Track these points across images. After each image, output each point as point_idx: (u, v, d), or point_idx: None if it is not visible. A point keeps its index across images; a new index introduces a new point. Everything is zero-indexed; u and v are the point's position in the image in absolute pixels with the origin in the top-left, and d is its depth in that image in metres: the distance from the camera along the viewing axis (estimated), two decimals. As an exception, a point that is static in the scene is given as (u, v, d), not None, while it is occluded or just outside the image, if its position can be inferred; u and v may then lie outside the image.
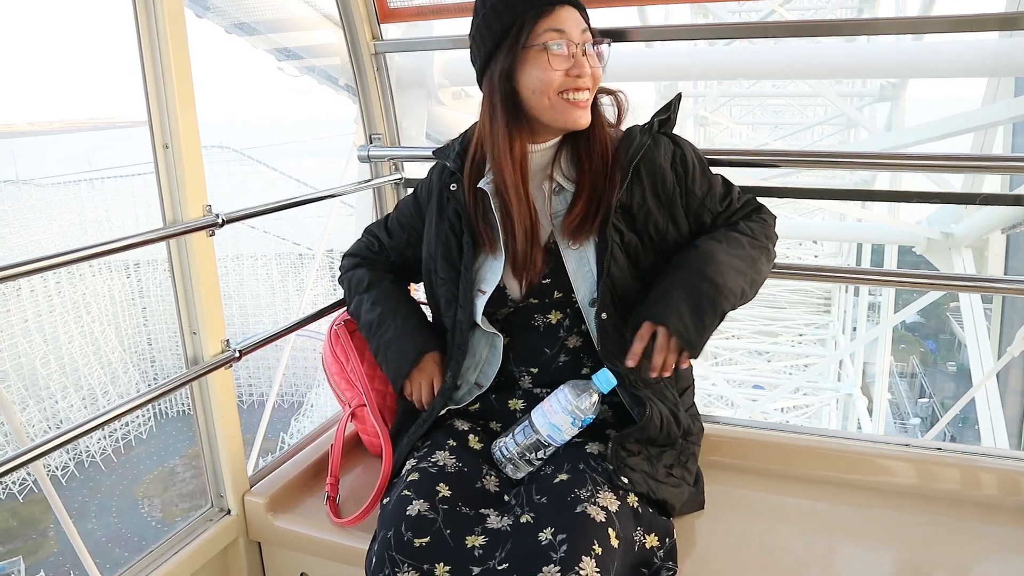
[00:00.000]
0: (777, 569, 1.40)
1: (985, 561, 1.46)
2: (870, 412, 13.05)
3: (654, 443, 1.37)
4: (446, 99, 5.94)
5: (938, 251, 7.71)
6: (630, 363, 1.32)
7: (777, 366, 16.64)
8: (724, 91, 16.13)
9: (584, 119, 1.38)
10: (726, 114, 20.67)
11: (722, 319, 1.32)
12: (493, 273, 1.43)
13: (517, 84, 1.37)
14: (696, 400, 1.61)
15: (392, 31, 2.11)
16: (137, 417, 26.13)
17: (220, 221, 1.53)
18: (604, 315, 1.36)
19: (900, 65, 6.63)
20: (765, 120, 23.38)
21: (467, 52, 1.46)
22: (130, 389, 26.82)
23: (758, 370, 16.39)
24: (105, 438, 25.41)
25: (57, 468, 24.18)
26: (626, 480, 1.27)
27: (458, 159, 1.49)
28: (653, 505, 1.32)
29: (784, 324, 17.73)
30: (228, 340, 1.59)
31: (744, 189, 1.55)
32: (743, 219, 1.47)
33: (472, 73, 1.46)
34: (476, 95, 1.45)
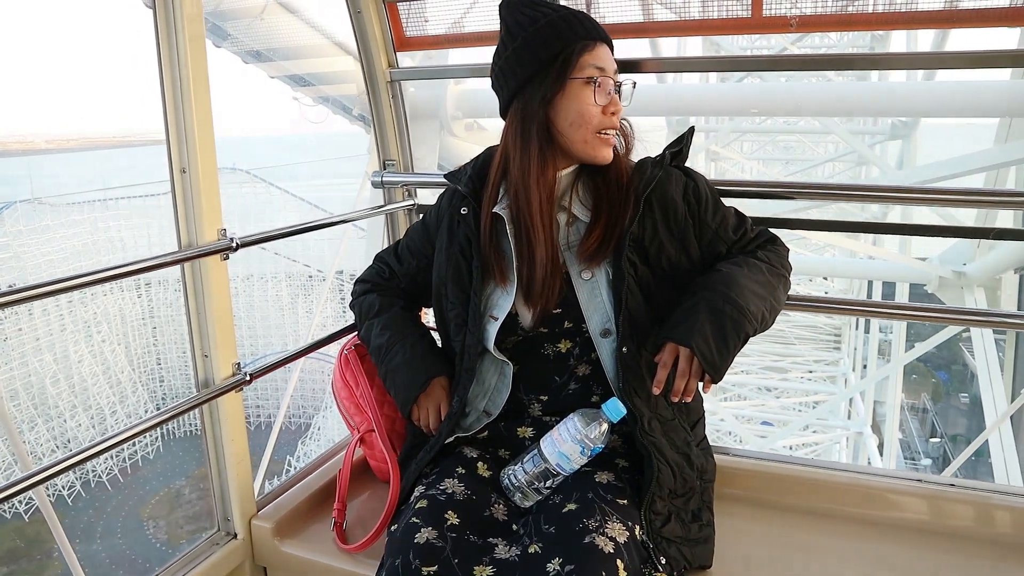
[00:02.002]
0: (787, 604, 1.39)
1: (999, 600, 1.44)
2: (880, 451, 12.92)
3: (676, 494, 1.37)
4: (459, 131, 6.02)
5: (950, 289, 7.68)
6: (656, 390, 1.32)
7: (786, 403, 16.51)
8: (735, 127, 16.22)
9: (609, 155, 1.42)
10: (737, 149, 20.75)
11: (744, 343, 1.33)
12: (504, 300, 1.44)
13: (553, 112, 1.38)
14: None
15: (407, 61, 2.14)
16: (145, 437, 26.11)
17: (235, 245, 1.55)
18: (625, 348, 1.36)
19: (912, 104, 6.67)
20: (776, 156, 23.43)
21: (479, 85, 1.49)
22: (138, 409, 26.83)
23: (767, 406, 16.28)
24: (112, 458, 25.34)
25: (64, 488, 24.13)
26: (664, 561, 1.28)
27: (470, 183, 1.50)
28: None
29: (793, 360, 17.63)
30: (239, 363, 1.60)
31: (756, 221, 1.56)
32: (758, 248, 1.48)
33: (484, 105, 1.49)
34: (488, 127, 1.47)
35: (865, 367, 14.90)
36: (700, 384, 1.33)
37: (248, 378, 1.61)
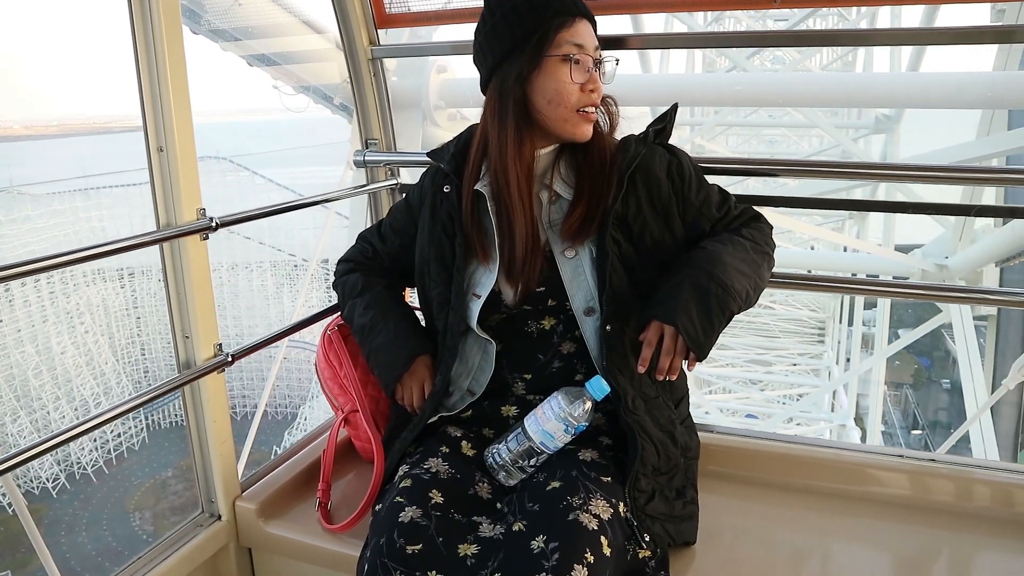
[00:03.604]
0: (771, 578, 1.40)
1: (978, 573, 1.45)
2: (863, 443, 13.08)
3: (660, 471, 1.37)
4: (441, 120, 5.98)
5: (932, 282, 7.79)
6: (641, 369, 1.32)
7: (770, 395, 16.65)
8: (721, 119, 16.27)
9: (589, 132, 1.41)
10: (723, 143, 20.81)
11: (729, 321, 1.33)
12: (487, 277, 1.43)
13: (530, 89, 1.37)
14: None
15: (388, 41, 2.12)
16: (129, 428, 25.96)
17: (214, 224, 1.53)
18: (608, 327, 1.36)
19: (895, 94, 6.73)
20: (761, 150, 23.53)
21: (462, 74, 1.47)
22: (123, 399, 26.59)
23: (751, 399, 16.41)
24: (96, 449, 25.19)
25: (48, 480, 23.98)
26: (648, 538, 1.28)
27: (453, 161, 1.48)
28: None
29: (778, 354, 17.76)
30: (221, 344, 1.59)
31: (740, 199, 1.55)
32: (742, 226, 1.48)
33: (467, 95, 1.47)
34: (471, 116, 1.46)
35: (848, 360, 15.05)
36: (684, 362, 1.33)
37: (230, 359, 1.59)
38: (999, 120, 7.06)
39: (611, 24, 1.49)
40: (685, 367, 1.35)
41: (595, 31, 1.41)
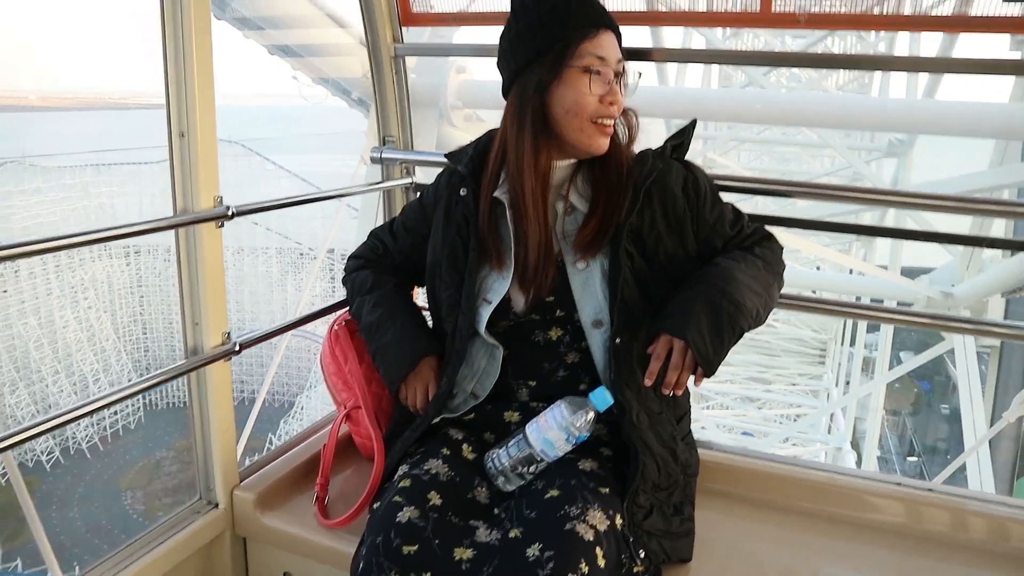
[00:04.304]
0: (764, 599, 1.40)
1: (971, 606, 1.46)
2: (858, 468, 13.06)
3: (660, 487, 1.37)
4: (458, 121, 6.01)
5: (937, 310, 7.79)
6: (648, 383, 1.32)
7: (768, 414, 16.64)
8: (734, 135, 16.28)
9: (605, 145, 1.40)
10: (735, 158, 20.82)
11: (739, 338, 1.33)
12: (500, 284, 1.43)
13: (549, 99, 1.37)
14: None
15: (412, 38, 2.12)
16: (126, 406, 26.02)
17: (231, 213, 1.53)
18: (618, 339, 1.36)
19: (910, 120, 6.76)
20: (773, 167, 23.55)
21: (480, 76, 1.48)
22: (122, 377, 26.66)
23: (748, 417, 16.41)
24: (93, 426, 25.26)
25: (43, 453, 24.06)
26: (644, 554, 1.28)
27: (470, 164, 1.49)
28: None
29: (778, 372, 17.75)
30: (229, 333, 1.59)
31: (752, 218, 1.56)
32: (754, 244, 1.48)
33: (485, 96, 1.48)
34: (487, 119, 1.46)
35: (848, 383, 15.06)
36: (691, 378, 1.33)
37: (238, 348, 1.60)
38: (1013, 151, 7.08)
39: (630, 35, 1.49)
40: (691, 383, 1.36)
41: (620, 43, 1.41)
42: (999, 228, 6.84)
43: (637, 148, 1.48)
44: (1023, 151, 7.24)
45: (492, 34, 1.49)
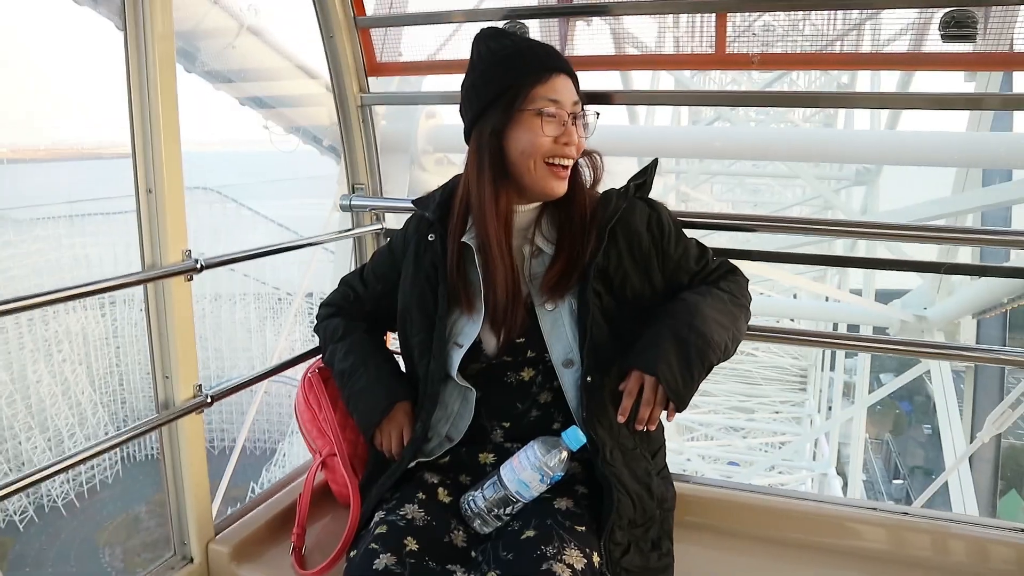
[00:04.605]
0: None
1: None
2: (844, 493, 13.07)
3: (636, 524, 1.38)
4: (428, 165, 6.08)
5: (910, 333, 7.98)
6: (621, 419, 1.34)
7: (752, 443, 16.67)
8: (705, 168, 16.55)
9: (561, 188, 1.43)
10: (707, 190, 21.17)
11: (708, 372, 1.35)
12: (471, 328, 1.44)
13: (506, 143, 1.40)
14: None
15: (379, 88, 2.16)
16: (103, 460, 25.46)
17: (199, 266, 1.54)
18: (589, 378, 1.37)
19: (874, 151, 6.95)
20: (745, 199, 23.92)
21: (450, 120, 1.51)
22: (98, 431, 26.09)
23: (733, 446, 16.43)
24: (68, 482, 24.65)
25: (15, 513, 23.39)
26: None
27: (438, 210, 1.51)
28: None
29: (760, 401, 17.84)
30: (200, 385, 1.59)
31: (718, 253, 1.59)
32: (720, 279, 1.51)
33: (455, 141, 1.51)
34: (458, 161, 1.49)
35: (830, 408, 15.16)
36: (663, 413, 1.34)
37: (209, 400, 1.59)
38: (974, 177, 7.29)
39: (599, 79, 1.53)
40: (664, 418, 1.37)
41: (576, 86, 1.45)
42: (964, 254, 7.01)
43: (607, 188, 1.51)
44: (983, 177, 7.46)
45: (458, 81, 1.52)
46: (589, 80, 1.54)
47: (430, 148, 5.94)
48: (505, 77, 1.39)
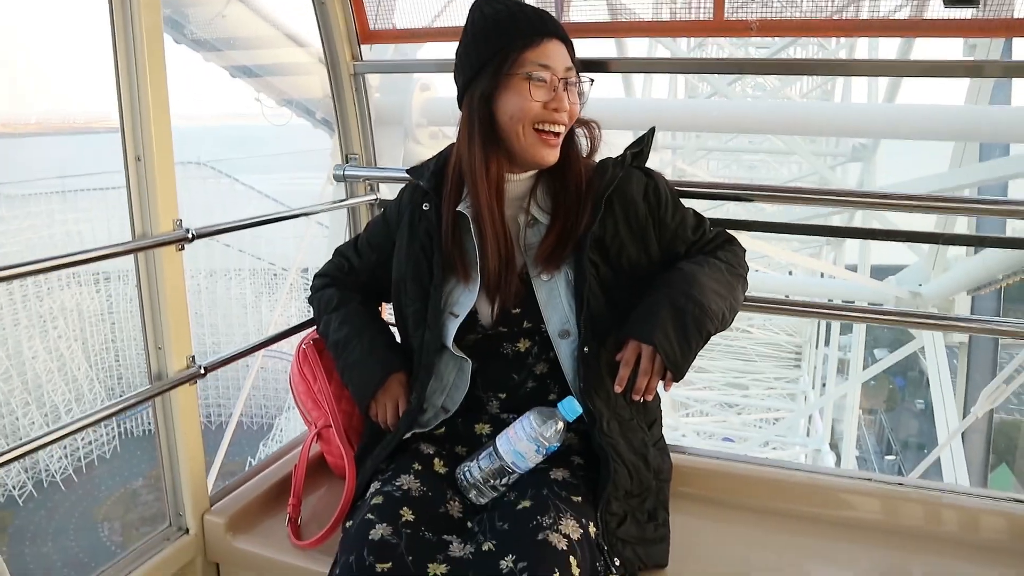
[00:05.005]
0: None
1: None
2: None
3: (632, 494, 1.38)
4: (423, 138, 6.04)
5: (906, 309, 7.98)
6: (618, 389, 1.33)
7: (747, 419, 16.80)
8: (701, 144, 16.49)
9: (552, 157, 1.41)
10: (703, 166, 21.07)
11: (706, 341, 1.34)
12: (467, 297, 1.43)
13: (495, 108, 1.38)
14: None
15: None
16: (101, 436, 25.56)
17: (190, 236, 1.52)
18: (586, 348, 1.36)
19: (871, 124, 6.93)
20: (741, 175, 23.82)
21: (444, 93, 1.49)
22: (95, 406, 26.12)
23: (728, 423, 16.56)
24: (66, 457, 24.77)
25: (15, 488, 23.52)
26: (618, 562, 1.28)
27: (432, 179, 1.49)
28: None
29: (755, 377, 17.94)
30: (194, 356, 1.58)
31: (714, 223, 1.57)
32: (717, 248, 1.50)
33: (450, 113, 1.48)
34: (452, 135, 1.47)
35: (824, 385, 15.26)
36: (660, 383, 1.34)
37: (203, 371, 1.58)
38: (971, 152, 7.28)
39: (595, 49, 1.51)
40: (661, 388, 1.36)
41: (571, 53, 1.42)
42: (961, 227, 7.01)
43: (603, 157, 1.49)
44: (980, 152, 7.45)
45: (453, 50, 1.50)
46: (585, 48, 1.51)
47: (424, 121, 5.90)
48: (496, 41, 1.37)
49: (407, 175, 1.59)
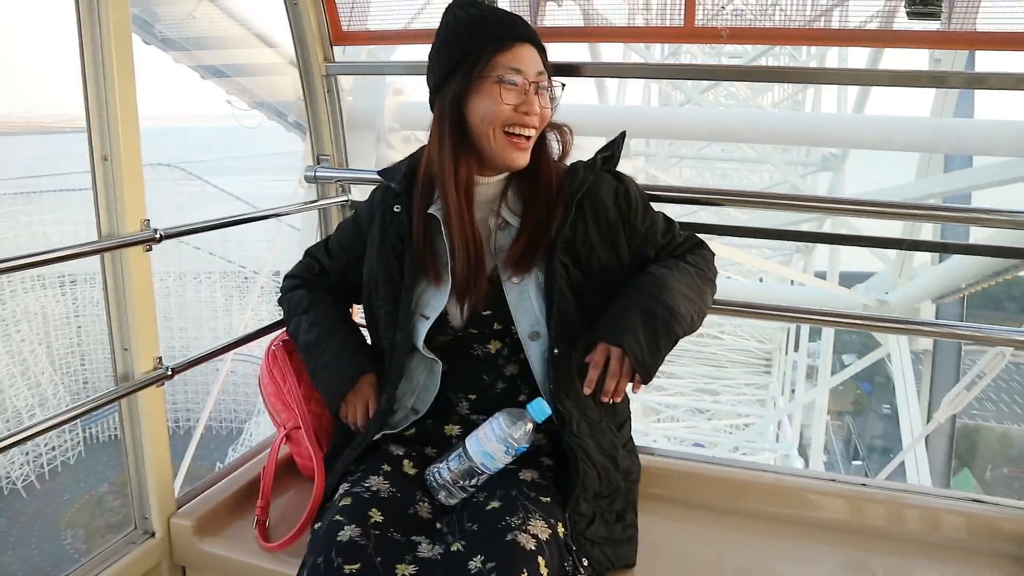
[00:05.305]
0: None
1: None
2: (802, 470, 13.36)
3: (601, 495, 1.39)
4: (395, 142, 6.03)
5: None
6: (587, 391, 1.34)
7: (717, 424, 16.93)
8: (674, 151, 16.63)
9: (522, 160, 1.41)
10: (676, 174, 21.23)
11: (674, 344, 1.36)
12: (437, 299, 1.44)
13: (467, 111, 1.39)
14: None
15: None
16: (65, 441, 25.06)
17: (158, 236, 1.50)
18: (556, 350, 1.37)
19: (840, 134, 7.06)
20: (713, 183, 24.02)
21: (417, 97, 1.49)
22: (59, 410, 25.63)
23: (698, 428, 16.68)
24: (28, 463, 24.22)
25: (-28, 496, 22.97)
26: (587, 563, 1.29)
27: (404, 180, 1.49)
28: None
29: (725, 383, 18.08)
30: (161, 358, 1.56)
31: (684, 226, 1.59)
32: (686, 252, 1.51)
33: (422, 118, 1.48)
34: (425, 139, 1.47)
35: (794, 391, 15.45)
36: (629, 385, 1.35)
37: (170, 372, 1.56)
38: (936, 163, 7.45)
39: (568, 54, 1.52)
40: (630, 390, 1.37)
41: (543, 57, 1.43)
42: (927, 234, 7.18)
43: (574, 161, 1.50)
44: (945, 163, 7.64)
45: (425, 52, 1.50)
46: (559, 53, 1.52)
47: (397, 125, 5.89)
48: (468, 44, 1.37)
49: (379, 177, 1.59)
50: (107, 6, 1.38)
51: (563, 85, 1.45)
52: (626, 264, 1.47)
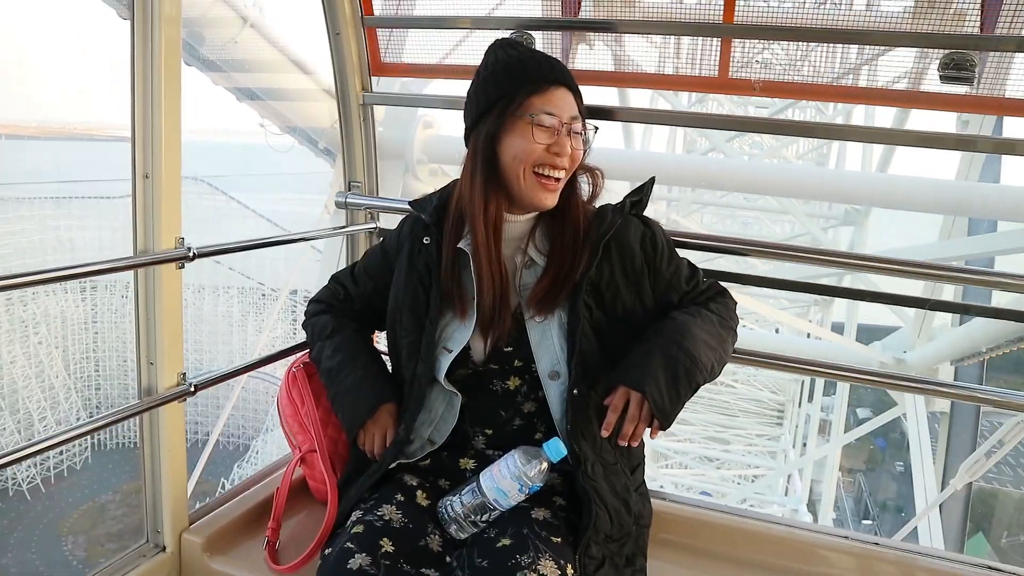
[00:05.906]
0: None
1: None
2: (813, 526, 13.13)
3: (612, 539, 1.38)
4: (423, 174, 6.11)
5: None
6: (604, 434, 1.34)
7: (726, 474, 16.73)
8: (697, 198, 16.67)
9: (550, 201, 1.44)
10: (697, 220, 21.25)
11: (694, 392, 1.36)
12: (461, 333, 1.45)
13: (499, 149, 1.42)
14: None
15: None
16: (73, 446, 25.13)
17: (192, 255, 1.54)
18: (576, 391, 1.38)
19: (863, 193, 7.03)
20: (735, 230, 24.02)
21: (447, 132, 1.52)
22: (70, 416, 25.75)
23: (707, 476, 16.48)
24: (36, 466, 24.28)
25: (-23, 497, 23.01)
26: None
27: (435, 213, 1.52)
28: None
29: (736, 432, 17.90)
30: (184, 373, 1.58)
31: (707, 274, 1.60)
32: (709, 300, 1.52)
33: (451, 152, 1.52)
34: (452, 173, 1.50)
35: (805, 444, 15.24)
36: (647, 430, 1.35)
37: (193, 388, 1.58)
38: (960, 225, 7.39)
39: (599, 98, 1.55)
40: (647, 435, 1.38)
41: (578, 102, 1.46)
42: (948, 296, 7.11)
43: (602, 204, 1.52)
44: (969, 226, 7.59)
45: (461, 87, 1.54)
46: (590, 96, 1.55)
47: (425, 158, 5.95)
48: (505, 84, 1.41)
49: (409, 207, 1.62)
50: (161, 25, 1.43)
51: (596, 128, 1.48)
52: (649, 308, 1.48)
